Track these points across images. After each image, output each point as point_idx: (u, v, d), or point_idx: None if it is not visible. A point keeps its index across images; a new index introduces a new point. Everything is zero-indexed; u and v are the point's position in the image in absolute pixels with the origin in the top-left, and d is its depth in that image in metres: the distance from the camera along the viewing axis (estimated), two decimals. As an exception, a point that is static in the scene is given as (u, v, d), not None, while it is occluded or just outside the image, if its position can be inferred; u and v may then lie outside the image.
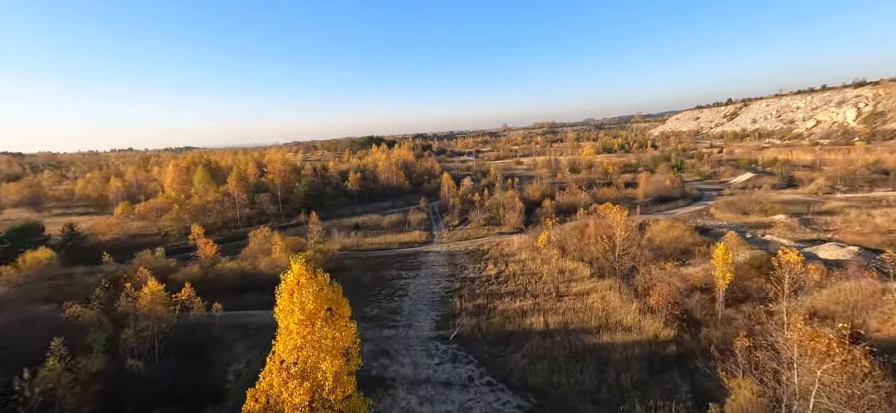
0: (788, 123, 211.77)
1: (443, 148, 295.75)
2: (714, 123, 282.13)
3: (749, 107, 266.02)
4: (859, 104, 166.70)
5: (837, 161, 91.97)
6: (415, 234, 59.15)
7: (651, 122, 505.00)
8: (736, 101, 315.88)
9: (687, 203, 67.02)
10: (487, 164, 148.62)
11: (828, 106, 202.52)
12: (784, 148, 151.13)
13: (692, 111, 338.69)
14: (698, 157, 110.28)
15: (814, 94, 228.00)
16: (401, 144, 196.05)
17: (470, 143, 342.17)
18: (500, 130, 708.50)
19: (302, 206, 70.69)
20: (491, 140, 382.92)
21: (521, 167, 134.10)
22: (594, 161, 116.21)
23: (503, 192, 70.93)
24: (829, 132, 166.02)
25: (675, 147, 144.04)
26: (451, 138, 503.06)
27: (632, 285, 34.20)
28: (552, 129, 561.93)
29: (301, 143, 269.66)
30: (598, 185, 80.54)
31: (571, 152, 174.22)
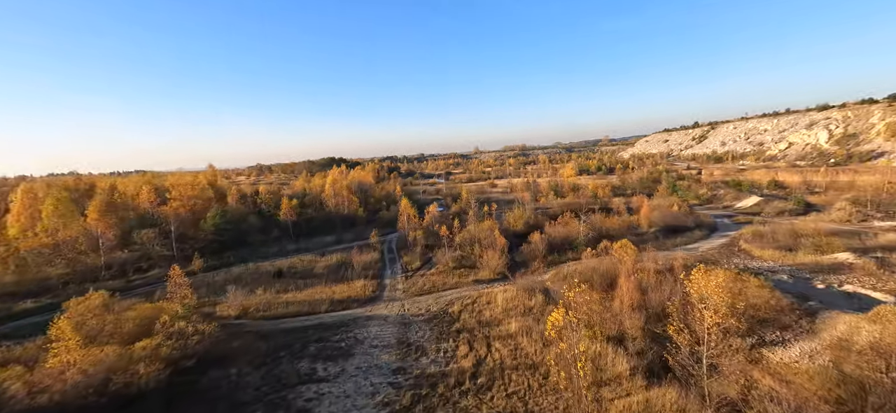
0: (758, 146, 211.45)
1: (411, 170, 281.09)
2: (683, 146, 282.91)
3: (717, 129, 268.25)
4: (830, 126, 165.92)
5: (842, 182, 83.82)
6: (358, 284, 42.26)
7: (619, 145, 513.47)
8: (703, 124, 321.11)
9: (704, 234, 54.13)
10: (459, 186, 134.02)
11: (795, 128, 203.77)
12: (765, 169, 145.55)
13: (660, 134, 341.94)
14: (693, 179, 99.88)
15: (779, 116, 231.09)
16: (364, 166, 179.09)
17: (441, 165, 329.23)
18: (472, 153, 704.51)
19: (213, 245, 52.58)
20: (462, 162, 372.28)
21: (496, 190, 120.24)
22: (578, 183, 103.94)
23: (478, 223, 55.55)
24: (803, 154, 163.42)
25: (660, 167, 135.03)
26: (421, 161, 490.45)
27: (717, 400, 19.05)
28: (524, 152, 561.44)
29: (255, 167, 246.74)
30: (594, 212, 66.90)
31: (550, 174, 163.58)
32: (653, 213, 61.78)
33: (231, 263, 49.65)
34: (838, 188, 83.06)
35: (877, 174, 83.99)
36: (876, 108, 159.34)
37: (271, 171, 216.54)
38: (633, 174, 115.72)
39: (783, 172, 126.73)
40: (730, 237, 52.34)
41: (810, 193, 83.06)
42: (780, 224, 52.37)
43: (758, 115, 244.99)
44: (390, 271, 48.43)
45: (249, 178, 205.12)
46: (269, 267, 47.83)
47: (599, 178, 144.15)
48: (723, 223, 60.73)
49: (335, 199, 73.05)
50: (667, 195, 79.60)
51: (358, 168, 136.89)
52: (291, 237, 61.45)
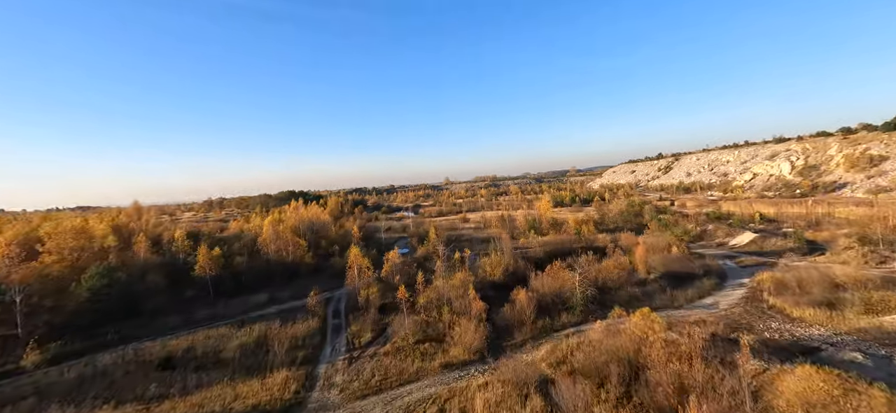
0: (722, 177, 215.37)
1: (380, 202, 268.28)
2: (650, 176, 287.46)
3: (681, 160, 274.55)
4: (792, 158, 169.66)
5: (818, 214, 79.92)
6: (278, 378, 29.60)
7: (586, 175, 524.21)
8: (667, 156, 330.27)
9: (716, 283, 45.48)
10: (428, 222, 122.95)
11: (756, 159, 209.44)
12: (738, 201, 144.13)
13: (627, 165, 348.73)
14: (679, 214, 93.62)
15: (739, 148, 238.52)
16: (326, 200, 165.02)
17: (410, 197, 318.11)
18: (443, 184, 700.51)
19: (88, 318, 38.36)
20: (433, 194, 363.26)
21: (468, 226, 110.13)
22: (557, 217, 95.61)
23: (448, 277, 44.32)
24: (769, 185, 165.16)
25: (635, 198, 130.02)
26: (391, 192, 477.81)
27: None
28: (495, 182, 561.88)
29: (205, 202, 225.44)
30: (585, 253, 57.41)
31: (525, 207, 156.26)
32: (650, 255, 52.97)
33: (105, 346, 35.51)
34: (822, 221, 78.48)
35: (869, 207, 79.79)
36: (832, 141, 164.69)
37: (223, 207, 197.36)
38: (612, 206, 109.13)
39: (758, 203, 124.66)
40: (747, 286, 43.92)
41: (804, 227, 77.87)
42: (799, 269, 44.59)
43: (718, 147, 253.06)
44: (331, 349, 35.89)
45: (197, 215, 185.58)
46: (159, 350, 34.18)
47: (576, 209, 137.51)
48: (729, 267, 52.77)
49: (275, 243, 59.98)
50: (657, 232, 71.97)
51: (314, 204, 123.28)
52: (209, 298, 47.70)
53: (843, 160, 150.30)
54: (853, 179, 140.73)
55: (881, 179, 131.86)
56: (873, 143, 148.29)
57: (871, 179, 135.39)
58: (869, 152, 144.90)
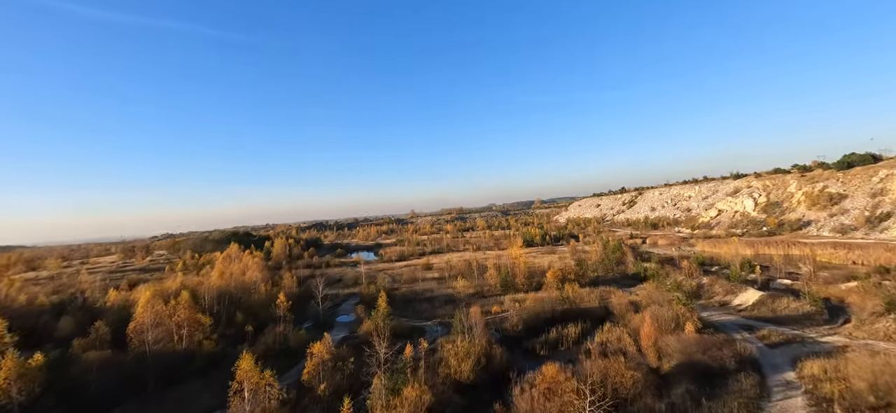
0: (686, 212, 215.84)
1: (338, 241, 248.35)
2: (615, 210, 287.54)
3: (644, 195, 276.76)
4: (754, 195, 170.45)
5: (797, 257, 73.18)
6: None
7: (552, 207, 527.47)
8: (630, 190, 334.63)
9: (756, 385, 33.74)
10: (386, 270, 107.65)
11: (717, 195, 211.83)
12: (712, 240, 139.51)
13: (592, 198, 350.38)
14: (675, 267, 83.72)
15: (699, 183, 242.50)
16: (272, 242, 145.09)
17: (373, 233, 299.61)
18: (408, 217, 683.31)
19: None
20: (397, 229, 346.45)
21: (431, 276, 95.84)
22: (532, 264, 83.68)
23: (394, 395, 29.64)
24: (735, 222, 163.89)
25: (612, 242, 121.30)
26: (353, 227, 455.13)
27: None
28: (460, 215, 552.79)
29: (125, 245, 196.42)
30: (572, 325, 44.77)
31: (494, 246, 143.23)
32: (663, 337, 40.95)
33: None
34: (810, 272, 71.06)
35: (848, 250, 72.05)
36: (790, 178, 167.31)
37: (149, 252, 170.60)
38: (590, 252, 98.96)
39: (735, 245, 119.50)
40: (801, 390, 32.47)
41: (793, 277, 69.85)
42: (855, 360, 33.89)
43: (679, 182, 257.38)
44: None
45: (117, 261, 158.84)
46: None
47: (548, 250, 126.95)
48: (759, 350, 41.58)
49: (156, 330, 42.51)
50: (651, 288, 61.17)
51: (249, 254, 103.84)
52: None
53: (803, 198, 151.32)
54: (817, 218, 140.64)
55: (845, 218, 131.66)
56: (830, 181, 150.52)
57: (834, 218, 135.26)
58: (827, 190, 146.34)
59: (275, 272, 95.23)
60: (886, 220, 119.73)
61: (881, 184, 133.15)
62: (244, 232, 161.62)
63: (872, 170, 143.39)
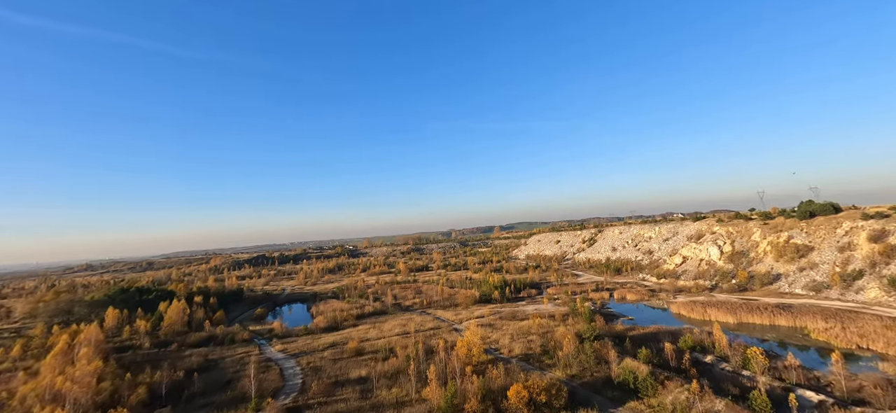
0: (648, 254, 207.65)
1: (268, 289, 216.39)
2: (575, 248, 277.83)
3: (604, 233, 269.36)
4: (718, 242, 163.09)
5: (784, 328, 58.88)
6: None
7: (512, 235, 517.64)
8: (589, 225, 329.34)
9: None
10: (301, 355, 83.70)
11: (678, 237, 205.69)
12: (683, 298, 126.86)
13: (552, 234, 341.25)
14: (654, 344, 66.48)
15: (658, 223, 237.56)
16: (169, 304, 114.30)
17: (316, 272, 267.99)
18: (363, 245, 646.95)
19: None
20: (347, 265, 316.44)
21: (364, 360, 72.98)
22: (493, 343, 63.35)
23: None
24: (701, 271, 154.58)
25: (583, 309, 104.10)
26: (299, 260, 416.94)
27: None
28: (417, 246, 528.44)
29: None
30: None
31: (447, 298, 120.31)
32: None
33: None
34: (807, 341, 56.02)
35: (841, 326, 55.82)
36: (753, 226, 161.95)
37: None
38: (559, 335, 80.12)
39: (713, 310, 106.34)
40: None
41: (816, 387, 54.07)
42: None
43: (638, 220, 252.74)
44: None
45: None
46: None
47: (510, 316, 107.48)
48: None
49: None
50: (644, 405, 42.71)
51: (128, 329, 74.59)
52: None
53: (769, 248, 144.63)
54: (786, 271, 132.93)
55: (815, 274, 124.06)
56: (794, 230, 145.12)
57: (804, 272, 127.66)
58: (793, 241, 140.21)
59: (134, 371, 67.61)
60: (859, 278, 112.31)
61: (847, 238, 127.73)
62: (136, 288, 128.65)
63: (835, 220, 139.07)
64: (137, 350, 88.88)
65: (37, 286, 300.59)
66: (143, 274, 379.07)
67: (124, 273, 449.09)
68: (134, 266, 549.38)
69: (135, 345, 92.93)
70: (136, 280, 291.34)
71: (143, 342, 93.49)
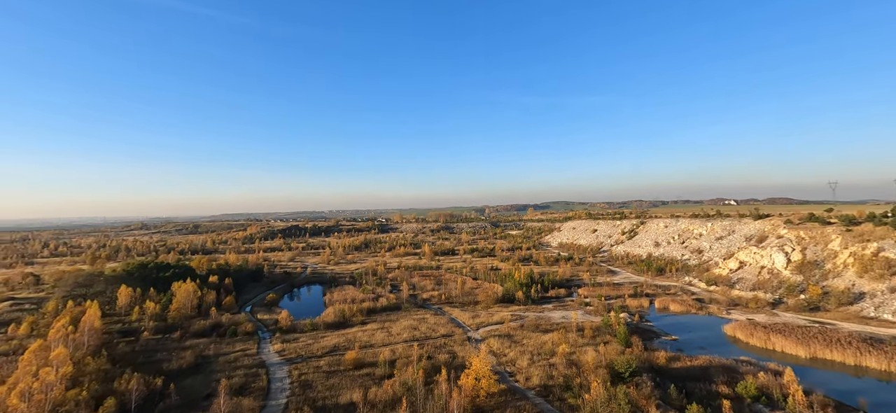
0: (697, 254, 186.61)
1: (288, 268, 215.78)
2: (613, 240, 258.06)
3: (647, 225, 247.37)
4: (785, 248, 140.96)
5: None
6: None
7: (546, 216, 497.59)
8: (630, 214, 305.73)
9: None
10: (300, 361, 77.22)
11: (733, 236, 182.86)
12: (746, 317, 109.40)
13: (588, 221, 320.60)
14: (707, 393, 53.44)
15: (711, 219, 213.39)
16: (187, 278, 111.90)
17: (342, 249, 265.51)
18: (394, 220, 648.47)
19: None
20: (374, 242, 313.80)
21: (374, 364, 65.36)
22: (509, 364, 52.94)
23: None
24: (761, 281, 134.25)
25: (619, 322, 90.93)
26: (330, 233, 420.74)
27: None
28: (447, 225, 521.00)
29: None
30: None
31: (467, 294, 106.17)
32: None
33: None
34: None
35: None
36: (832, 231, 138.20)
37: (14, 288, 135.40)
38: (591, 366, 68.02)
39: (779, 336, 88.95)
40: None
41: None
42: None
43: (688, 214, 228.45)
44: None
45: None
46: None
47: (533, 324, 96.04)
48: None
49: None
50: None
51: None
52: None
53: (852, 261, 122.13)
54: (872, 290, 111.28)
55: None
56: (886, 241, 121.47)
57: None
58: (884, 254, 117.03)
59: (125, 364, 63.24)
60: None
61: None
62: (154, 264, 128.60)
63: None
64: (139, 336, 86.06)
65: (90, 245, 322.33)
66: (186, 237, 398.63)
67: (171, 234, 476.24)
68: (182, 228, 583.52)
69: (140, 329, 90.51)
70: (174, 245, 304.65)
71: (147, 326, 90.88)
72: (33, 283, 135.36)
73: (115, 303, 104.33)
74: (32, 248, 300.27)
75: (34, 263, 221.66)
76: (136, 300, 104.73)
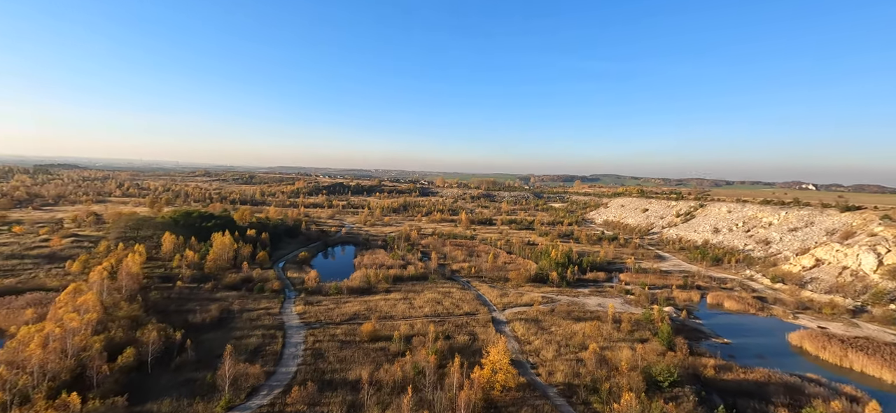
0: (762, 245, 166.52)
1: (327, 228, 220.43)
2: (665, 221, 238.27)
3: (707, 209, 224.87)
4: (878, 247, 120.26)
5: None
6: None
7: (591, 192, 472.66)
8: (688, 195, 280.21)
9: None
10: (320, 321, 76.58)
11: (811, 228, 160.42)
12: (811, 318, 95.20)
13: (639, 199, 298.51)
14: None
15: (787, 207, 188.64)
16: (225, 230, 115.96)
17: (379, 211, 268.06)
18: (437, 183, 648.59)
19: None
20: (412, 205, 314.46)
21: (390, 338, 63.23)
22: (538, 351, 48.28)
23: None
24: (842, 283, 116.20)
25: (662, 319, 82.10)
26: (372, 192, 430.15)
27: None
28: (489, 191, 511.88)
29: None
30: None
31: (500, 270, 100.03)
32: None
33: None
34: None
35: None
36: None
37: (81, 224, 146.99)
38: (625, 368, 60.78)
39: (860, 354, 75.65)
40: None
41: None
42: None
43: (757, 200, 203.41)
44: None
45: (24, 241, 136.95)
46: None
47: (565, 312, 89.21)
48: None
49: None
50: None
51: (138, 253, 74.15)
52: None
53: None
54: None
55: None
56: None
57: None
58: None
59: (156, 311, 65.51)
60: None
61: None
62: (198, 214, 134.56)
63: None
64: (175, 283, 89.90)
65: (157, 188, 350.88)
66: (240, 187, 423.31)
67: (229, 183, 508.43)
68: (238, 178, 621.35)
69: (177, 276, 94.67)
70: (228, 193, 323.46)
71: (183, 275, 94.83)
72: (95, 221, 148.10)
73: (161, 248, 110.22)
74: (108, 188, 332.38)
75: (107, 202, 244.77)
76: (178, 247, 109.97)
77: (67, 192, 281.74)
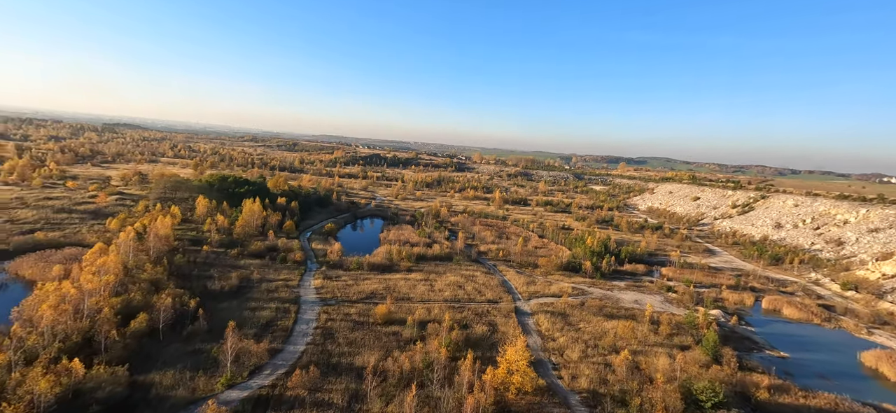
0: (834, 245, 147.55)
1: (358, 200, 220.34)
2: (719, 212, 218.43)
3: (769, 201, 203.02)
4: None
5: None
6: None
7: (637, 175, 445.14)
8: (747, 184, 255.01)
9: None
10: (334, 297, 74.83)
11: (894, 229, 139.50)
12: (890, 334, 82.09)
13: (689, 186, 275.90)
14: None
15: (868, 204, 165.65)
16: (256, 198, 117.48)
17: (412, 185, 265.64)
18: (474, 159, 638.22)
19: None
20: (446, 180, 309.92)
21: (404, 322, 60.57)
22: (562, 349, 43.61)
23: None
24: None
25: (708, 324, 73.48)
26: (408, 165, 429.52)
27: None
28: (527, 169, 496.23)
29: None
30: None
31: (531, 253, 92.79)
32: None
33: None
34: None
35: None
36: None
37: (129, 183, 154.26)
38: (661, 380, 53.86)
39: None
40: None
41: None
42: None
43: (832, 195, 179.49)
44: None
45: (75, 197, 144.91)
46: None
47: (596, 309, 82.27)
48: None
49: None
50: None
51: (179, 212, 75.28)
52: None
53: None
54: None
55: None
56: None
57: None
58: None
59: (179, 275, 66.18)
60: None
61: None
62: (233, 179, 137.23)
63: None
64: (202, 247, 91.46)
65: (206, 151, 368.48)
66: (282, 154, 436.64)
67: (273, 149, 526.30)
68: (283, 144, 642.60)
69: (206, 240, 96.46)
70: (270, 159, 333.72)
71: (211, 239, 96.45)
72: (140, 181, 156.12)
73: (195, 211, 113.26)
74: (162, 148, 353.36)
75: (158, 162, 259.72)
76: (211, 211, 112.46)
77: (126, 150, 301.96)
